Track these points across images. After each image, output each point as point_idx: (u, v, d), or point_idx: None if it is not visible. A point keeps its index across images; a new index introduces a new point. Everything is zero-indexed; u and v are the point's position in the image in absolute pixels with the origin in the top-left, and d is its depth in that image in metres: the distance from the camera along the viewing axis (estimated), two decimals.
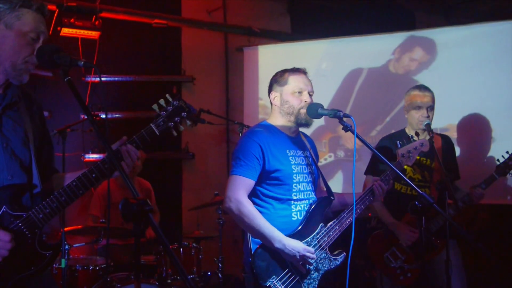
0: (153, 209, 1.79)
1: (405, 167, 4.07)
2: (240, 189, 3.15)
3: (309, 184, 3.33)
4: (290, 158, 3.27)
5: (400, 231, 4.03)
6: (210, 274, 5.11)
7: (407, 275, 3.98)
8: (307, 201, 3.29)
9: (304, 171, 3.32)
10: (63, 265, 4.21)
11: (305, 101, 3.30)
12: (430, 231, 3.97)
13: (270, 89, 3.44)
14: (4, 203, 2.21)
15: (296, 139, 3.41)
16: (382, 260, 4.07)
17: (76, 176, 2.38)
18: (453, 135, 4.68)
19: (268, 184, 3.23)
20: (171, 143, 6.94)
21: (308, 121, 3.32)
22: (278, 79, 3.40)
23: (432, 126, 4.10)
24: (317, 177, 3.44)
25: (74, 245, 4.67)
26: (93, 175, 2.29)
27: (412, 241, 3.96)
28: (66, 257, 4.23)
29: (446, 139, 4.34)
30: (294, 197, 3.24)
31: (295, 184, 3.24)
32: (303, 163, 3.33)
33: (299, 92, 3.32)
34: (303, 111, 3.29)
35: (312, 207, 3.27)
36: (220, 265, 5.14)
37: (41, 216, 2.24)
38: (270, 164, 3.19)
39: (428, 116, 4.06)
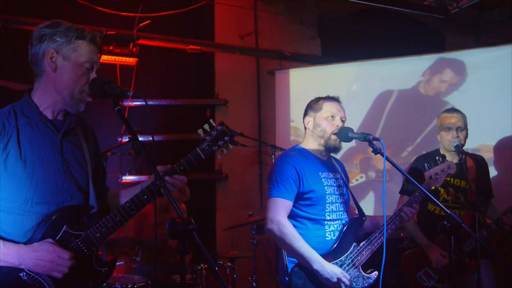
0: (197, 228, 1.93)
1: (439, 188, 4.15)
2: (280, 211, 3.27)
3: (342, 205, 3.44)
4: (322, 180, 3.39)
5: (431, 254, 4.08)
6: None
7: None
8: (339, 221, 3.39)
9: (336, 192, 3.43)
10: (104, 284, 4.37)
11: (337, 126, 3.42)
12: (464, 252, 4.01)
13: (304, 115, 3.58)
14: (65, 223, 2.37)
15: (327, 162, 3.54)
16: (415, 280, 4.12)
17: (129, 193, 2.57)
18: (485, 155, 4.72)
19: (302, 205, 3.34)
20: (205, 165, 7.08)
21: (337, 146, 3.46)
22: (312, 105, 3.55)
23: (464, 147, 4.17)
24: (348, 198, 3.55)
25: None
26: (145, 197, 2.46)
27: (442, 265, 4.01)
28: None
29: (478, 158, 4.39)
30: (328, 217, 3.35)
31: (328, 205, 3.36)
32: (335, 184, 3.45)
33: (331, 117, 3.45)
34: (334, 137, 3.41)
35: (345, 227, 3.38)
36: (254, 284, 5.22)
37: (98, 235, 2.41)
38: (304, 185, 3.31)
39: (458, 137, 4.14)
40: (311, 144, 3.52)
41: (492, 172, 5.14)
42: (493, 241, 3.99)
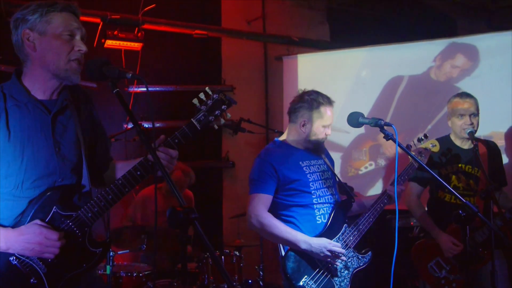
0: (199, 217, 1.83)
1: (450, 174, 4.05)
2: (258, 205, 3.32)
3: (328, 189, 3.47)
4: (304, 168, 3.43)
5: (442, 243, 3.98)
6: (251, 282, 5.15)
7: (452, 286, 3.92)
8: (328, 204, 3.43)
9: (321, 178, 3.46)
10: (108, 272, 4.31)
11: (326, 134, 3.48)
12: (476, 242, 3.89)
13: (297, 111, 3.48)
14: (54, 204, 2.28)
15: (307, 150, 3.54)
16: (426, 270, 4.02)
17: (125, 166, 2.48)
18: (497, 142, 4.61)
19: (289, 195, 3.38)
20: (211, 152, 7.03)
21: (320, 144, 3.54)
22: (311, 106, 3.45)
23: (476, 134, 4.06)
24: (334, 182, 3.58)
25: (119, 252, 4.78)
26: (138, 173, 2.34)
27: (454, 254, 3.91)
28: (111, 264, 4.33)
29: (491, 145, 4.27)
30: (315, 202, 3.39)
31: (314, 191, 3.39)
32: (318, 170, 3.48)
33: (326, 127, 3.46)
34: (323, 142, 3.51)
35: (335, 209, 3.42)
36: (261, 273, 5.17)
37: (90, 215, 2.31)
38: (285, 176, 3.35)
39: (472, 124, 4.01)
40: (295, 137, 3.51)
41: (504, 159, 5.02)
42: (509, 230, 3.88)
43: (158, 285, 4.68)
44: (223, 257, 4.94)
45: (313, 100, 3.45)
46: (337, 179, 3.60)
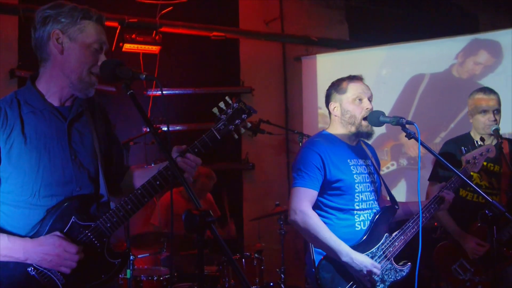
0: (215, 220, 1.78)
1: (472, 173, 3.93)
2: (304, 201, 3.09)
3: (372, 193, 3.24)
4: (351, 167, 3.20)
5: (466, 244, 3.86)
6: (273, 285, 5.09)
7: None
8: (370, 210, 3.20)
9: (367, 180, 3.23)
10: (128, 276, 4.29)
11: (367, 108, 3.20)
12: (501, 241, 3.78)
13: (328, 100, 3.35)
14: (73, 213, 2.25)
15: (356, 147, 3.33)
16: (450, 272, 3.91)
17: (143, 174, 2.44)
18: None
19: (330, 195, 3.17)
20: (231, 154, 6.99)
21: (370, 132, 3.23)
22: (336, 88, 3.30)
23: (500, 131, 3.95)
24: (379, 186, 3.36)
25: (139, 256, 4.76)
26: (157, 182, 2.30)
27: (479, 255, 3.80)
28: (131, 268, 4.31)
29: None
30: (357, 207, 3.16)
31: (357, 194, 3.17)
32: (365, 172, 3.25)
33: (359, 100, 3.22)
34: (365, 122, 3.19)
35: (376, 216, 3.18)
36: (282, 276, 5.10)
37: (109, 225, 2.27)
38: (331, 174, 3.13)
39: (495, 120, 3.90)
40: (339, 130, 3.29)
41: None
42: None
43: None
44: (243, 260, 4.89)
45: (334, 83, 3.34)
46: (383, 183, 3.37)
